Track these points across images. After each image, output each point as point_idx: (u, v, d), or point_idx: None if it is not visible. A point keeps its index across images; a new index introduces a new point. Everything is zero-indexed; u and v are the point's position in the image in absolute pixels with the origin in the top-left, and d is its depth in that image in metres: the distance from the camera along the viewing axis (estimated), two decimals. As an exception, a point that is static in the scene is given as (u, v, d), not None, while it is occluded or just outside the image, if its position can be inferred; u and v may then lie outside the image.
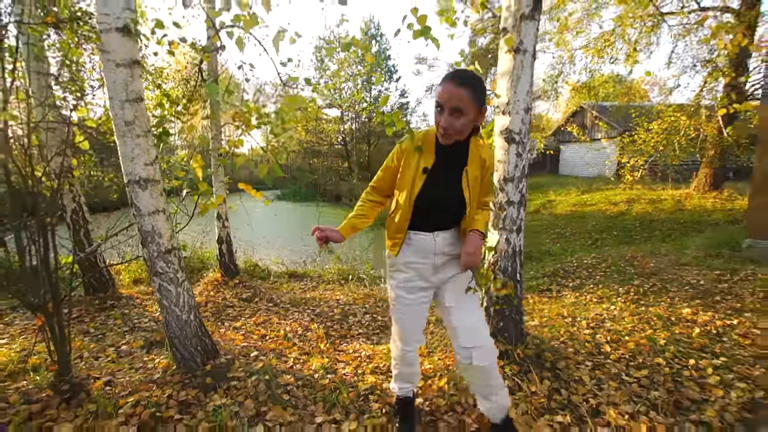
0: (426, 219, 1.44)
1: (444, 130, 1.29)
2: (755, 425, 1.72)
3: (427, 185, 1.39)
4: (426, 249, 1.46)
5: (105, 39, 1.54)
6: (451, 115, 1.25)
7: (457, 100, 1.22)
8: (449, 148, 1.38)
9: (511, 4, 1.81)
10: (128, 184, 1.74)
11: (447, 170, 1.40)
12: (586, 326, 2.91)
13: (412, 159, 1.40)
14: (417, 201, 1.40)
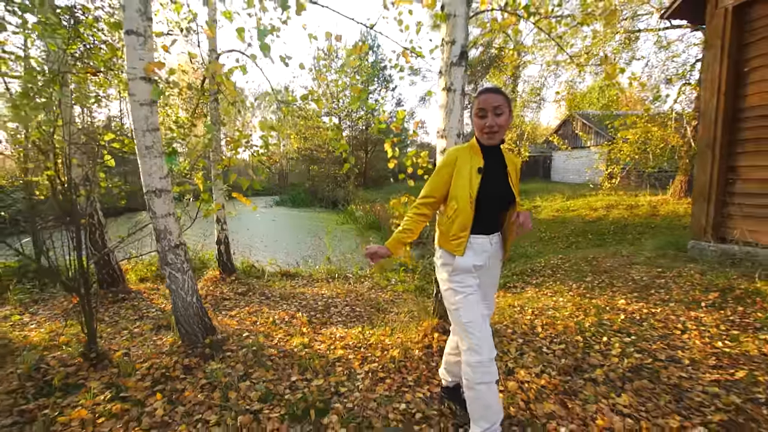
0: (483, 221, 1.57)
1: (490, 128, 1.51)
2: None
3: (484, 182, 1.53)
4: (484, 251, 1.60)
5: (132, 85, 2.06)
6: (496, 115, 1.49)
7: (497, 102, 1.48)
8: (490, 152, 1.58)
9: (444, 55, 2.34)
10: (146, 193, 2.25)
11: (497, 170, 1.58)
12: (531, 314, 3.41)
13: (464, 164, 1.55)
14: (478, 197, 1.52)
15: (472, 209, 1.52)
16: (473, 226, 1.55)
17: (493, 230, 1.61)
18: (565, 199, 12.55)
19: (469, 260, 1.58)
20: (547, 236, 8.93)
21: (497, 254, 1.66)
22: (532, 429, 1.81)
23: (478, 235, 1.58)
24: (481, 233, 1.58)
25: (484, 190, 1.52)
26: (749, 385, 2.14)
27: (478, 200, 1.52)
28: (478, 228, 1.57)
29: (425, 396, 2.10)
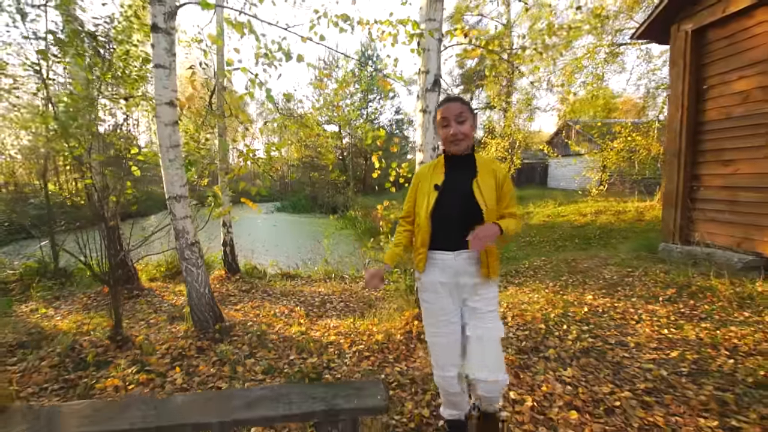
0: (446, 236, 1.51)
1: (454, 136, 1.50)
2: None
3: (439, 200, 1.51)
4: (449, 268, 1.52)
5: (159, 109, 2.48)
6: (458, 123, 1.49)
7: (458, 110, 1.49)
8: (458, 163, 1.55)
9: (420, 82, 2.76)
10: (168, 198, 2.67)
11: (458, 183, 1.52)
12: (505, 307, 3.79)
13: (425, 182, 1.57)
14: (432, 215, 1.50)
15: (429, 225, 1.52)
16: (433, 242, 1.53)
17: (461, 247, 1.50)
18: (557, 205, 12.94)
19: (433, 277, 1.55)
20: (536, 240, 9.31)
21: (470, 271, 1.51)
22: (487, 392, 2.20)
23: (441, 251, 1.53)
24: (444, 249, 1.52)
25: (439, 206, 1.50)
26: (678, 362, 2.52)
27: (434, 216, 1.51)
28: (440, 244, 1.53)
29: (402, 369, 2.49)
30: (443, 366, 1.56)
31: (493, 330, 1.51)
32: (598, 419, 1.97)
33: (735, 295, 3.56)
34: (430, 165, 1.63)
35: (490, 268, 1.50)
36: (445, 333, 1.55)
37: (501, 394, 1.61)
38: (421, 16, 2.73)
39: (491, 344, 1.50)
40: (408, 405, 2.11)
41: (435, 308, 1.57)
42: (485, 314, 1.52)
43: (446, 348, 1.55)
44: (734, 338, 2.81)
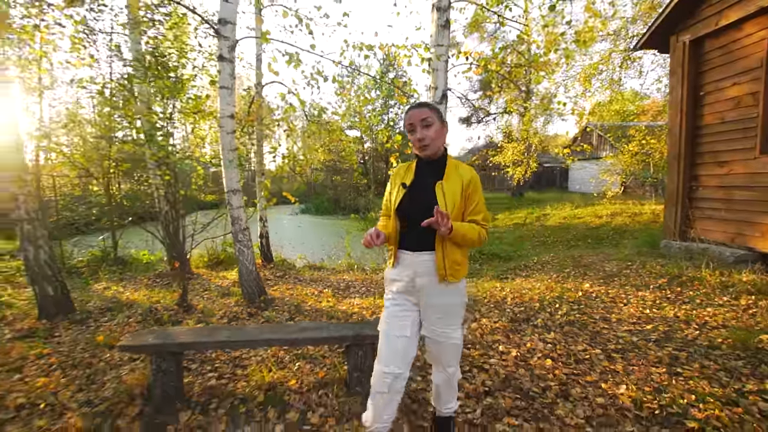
0: (409, 236, 1.54)
1: (420, 142, 1.49)
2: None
3: (405, 198, 1.53)
4: (409, 267, 1.54)
5: (222, 121, 3.15)
6: (423, 128, 1.48)
7: (423, 115, 1.48)
8: (428, 165, 1.57)
9: (431, 96, 3.33)
10: (227, 192, 3.33)
11: (425, 184, 1.53)
12: (508, 291, 4.28)
13: (397, 181, 1.60)
14: (398, 212, 1.54)
15: (396, 223, 1.56)
16: (400, 240, 1.56)
17: (422, 248, 1.51)
18: (574, 207, 13.15)
19: (395, 274, 1.58)
20: (550, 241, 9.63)
21: (428, 273, 1.51)
22: (481, 346, 2.72)
23: (405, 251, 1.55)
24: (407, 249, 1.55)
25: (405, 205, 1.53)
26: (650, 332, 2.96)
27: (398, 214, 1.55)
28: (404, 243, 1.56)
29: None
30: (384, 360, 1.52)
31: (446, 336, 1.54)
32: (568, 366, 2.46)
33: (720, 283, 3.92)
34: (406, 165, 1.66)
35: (447, 270, 1.48)
36: (392, 325, 1.56)
37: (452, 385, 1.68)
38: (431, 41, 3.29)
39: (444, 348, 1.56)
40: (417, 354, 2.67)
41: (392, 304, 1.59)
42: (442, 320, 1.54)
43: (390, 340, 1.54)
44: (707, 317, 3.21)
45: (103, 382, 2.36)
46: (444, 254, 1.48)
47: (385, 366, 1.50)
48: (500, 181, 22.01)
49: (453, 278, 1.49)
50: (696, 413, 1.92)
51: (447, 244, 1.47)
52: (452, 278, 1.49)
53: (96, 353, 2.77)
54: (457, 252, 1.50)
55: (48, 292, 3.38)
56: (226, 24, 3.04)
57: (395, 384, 1.49)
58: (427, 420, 1.96)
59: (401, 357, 1.51)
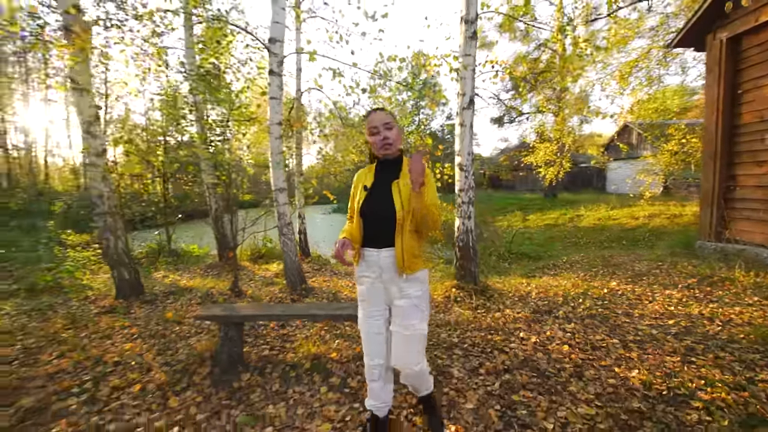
0: (372, 234, 1.62)
1: (384, 140, 1.62)
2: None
3: (366, 199, 1.64)
4: (374, 264, 1.62)
5: (271, 127, 3.57)
6: (386, 129, 1.62)
7: (385, 119, 1.62)
8: (386, 166, 1.69)
9: (458, 102, 3.58)
10: (274, 190, 3.75)
11: (384, 185, 1.64)
12: (534, 287, 4.44)
13: (359, 184, 1.72)
14: (361, 212, 1.63)
15: (360, 223, 1.64)
16: (364, 239, 1.64)
17: (384, 244, 1.60)
18: (610, 208, 12.82)
19: (363, 272, 1.67)
20: (582, 242, 9.53)
21: (392, 268, 1.60)
22: (502, 333, 2.96)
23: (369, 248, 1.63)
24: (371, 246, 1.63)
25: (366, 206, 1.63)
26: (671, 326, 3.07)
27: (363, 215, 1.63)
28: (368, 241, 1.63)
29: (440, 318, 3.32)
30: (368, 354, 1.68)
31: (412, 325, 1.59)
32: (584, 352, 2.65)
33: (753, 284, 3.90)
34: (367, 168, 1.77)
35: (405, 263, 1.56)
36: (370, 325, 1.67)
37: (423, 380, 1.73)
38: (459, 51, 3.55)
39: (411, 338, 1.59)
40: (441, 334, 2.94)
41: (364, 301, 1.70)
42: (407, 310, 1.59)
43: (370, 338, 1.67)
44: (733, 314, 3.26)
45: (176, 349, 2.82)
46: (402, 248, 1.57)
47: (371, 359, 1.68)
48: (533, 181, 21.65)
49: (410, 270, 1.58)
50: (702, 395, 2.08)
51: (405, 238, 1.57)
52: (409, 270, 1.58)
53: (167, 327, 3.26)
54: (415, 245, 1.60)
55: (124, 276, 3.94)
56: (275, 42, 3.45)
57: (384, 372, 1.68)
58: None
59: (384, 350, 1.67)
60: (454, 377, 2.36)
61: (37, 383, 2.38)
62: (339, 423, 1.97)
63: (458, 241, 3.88)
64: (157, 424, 1.97)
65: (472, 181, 3.75)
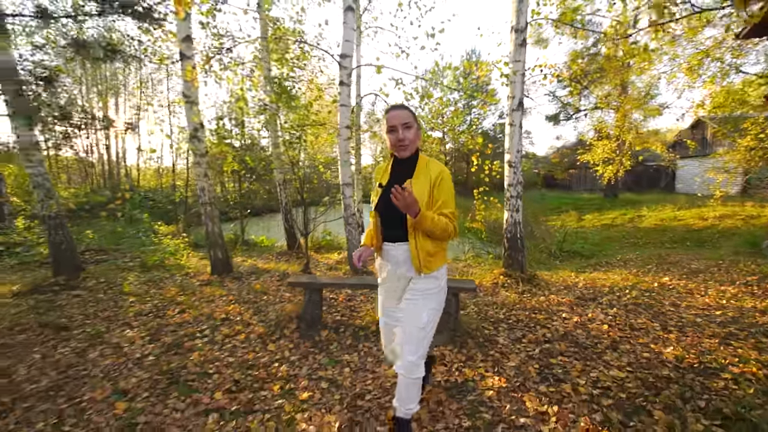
0: (389, 230, 1.66)
1: (401, 142, 1.59)
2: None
3: (382, 197, 1.65)
4: (392, 258, 1.68)
5: (341, 131, 4.15)
6: (404, 129, 1.59)
7: (405, 118, 1.59)
8: (402, 164, 1.67)
9: (508, 103, 3.90)
10: (342, 185, 4.32)
11: (397, 183, 1.58)
12: (582, 279, 4.61)
13: (377, 180, 1.73)
14: (377, 210, 1.67)
15: (378, 219, 1.68)
16: (382, 234, 1.69)
17: (399, 239, 1.63)
18: (676, 209, 12.09)
19: (382, 264, 1.76)
20: (641, 242, 9.19)
21: (407, 263, 1.64)
22: (546, 312, 3.26)
23: (387, 243, 1.69)
24: (389, 241, 1.68)
25: (381, 203, 1.66)
26: (717, 316, 3.18)
27: (378, 211, 1.68)
28: (386, 236, 1.69)
29: (487, 299, 3.68)
30: (386, 345, 1.81)
31: (415, 315, 1.60)
32: (623, 331, 2.89)
33: (821, 284, 3.79)
34: (383, 165, 1.79)
35: (421, 262, 1.58)
36: (386, 317, 1.78)
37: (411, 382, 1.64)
38: (509, 57, 3.88)
39: (411, 327, 1.59)
40: (489, 312, 3.31)
41: (382, 295, 1.79)
42: (414, 301, 1.62)
43: (386, 331, 1.78)
44: (789, 309, 3.27)
45: (267, 312, 3.47)
46: (417, 245, 1.58)
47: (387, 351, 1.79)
48: (591, 181, 20.71)
49: (427, 270, 1.60)
50: (733, 369, 2.27)
51: (419, 236, 1.57)
52: (426, 270, 1.60)
53: (256, 296, 3.96)
54: (429, 243, 1.59)
55: (218, 255, 4.75)
56: (346, 57, 4.02)
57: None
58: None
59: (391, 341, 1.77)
60: (499, 344, 2.73)
61: (170, 329, 3.13)
62: (402, 368, 2.45)
63: (506, 233, 4.20)
64: (263, 360, 2.59)
65: (520, 176, 4.05)
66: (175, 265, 5.59)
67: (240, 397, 2.16)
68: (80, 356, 2.66)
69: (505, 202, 4.19)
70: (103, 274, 4.71)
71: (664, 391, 2.08)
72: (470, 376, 2.31)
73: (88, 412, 2.01)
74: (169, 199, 13.59)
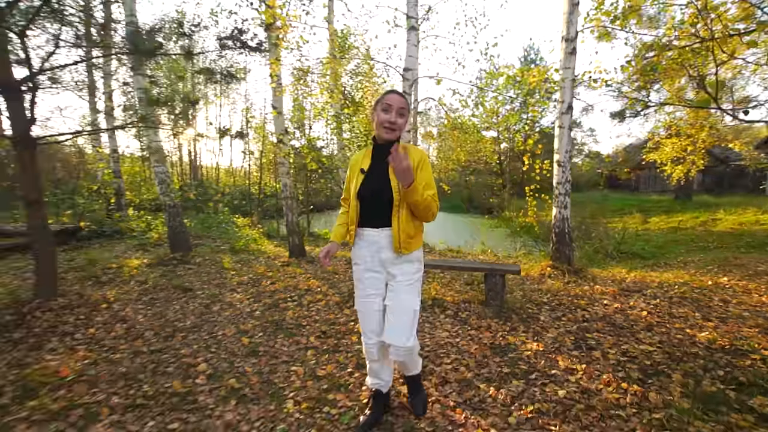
0: (371, 214, 1.67)
1: (391, 124, 1.63)
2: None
3: (364, 181, 1.69)
4: (374, 243, 1.68)
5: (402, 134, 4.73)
6: (399, 116, 1.64)
7: (402, 104, 1.63)
8: (383, 151, 1.67)
9: (558, 107, 4.21)
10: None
11: (380, 168, 1.66)
12: (632, 275, 4.75)
13: (356, 167, 1.75)
14: (359, 195, 1.68)
15: (357, 204, 1.70)
16: (362, 220, 1.70)
17: (383, 225, 1.65)
18: (761, 212, 11.11)
19: (360, 251, 1.74)
20: (712, 246, 8.70)
21: (389, 246, 1.66)
22: (588, 299, 3.57)
23: (368, 228, 1.69)
24: (369, 226, 1.69)
25: (364, 188, 1.68)
26: (766, 312, 3.26)
27: (361, 196, 1.68)
28: (366, 221, 1.70)
29: (533, 285, 4.04)
30: (365, 333, 1.76)
31: (406, 302, 1.65)
32: (661, 319, 3.13)
33: None
34: (362, 152, 1.81)
35: (401, 243, 1.62)
36: (367, 303, 1.73)
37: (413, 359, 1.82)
38: (559, 64, 4.18)
39: (403, 314, 1.64)
40: (534, 296, 3.69)
41: (361, 279, 1.75)
42: (402, 287, 1.66)
43: (367, 317, 1.74)
44: None
45: (340, 286, 4.16)
46: (399, 228, 1.62)
47: (368, 339, 1.75)
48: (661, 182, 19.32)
49: (406, 250, 1.65)
50: (764, 352, 2.48)
51: (402, 219, 1.61)
52: (405, 250, 1.65)
53: (329, 275, 4.68)
54: (411, 226, 1.64)
55: (295, 241, 5.57)
56: (408, 71, 4.59)
57: (382, 350, 1.75)
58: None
59: (380, 328, 1.72)
60: (540, 320, 3.14)
61: (266, 294, 3.92)
62: (452, 333, 2.96)
63: (554, 228, 4.50)
64: (342, 320, 3.24)
65: (569, 175, 4.34)
66: (256, 250, 6.56)
67: (328, 341, 2.82)
68: (207, 309, 3.52)
69: (554, 199, 4.49)
70: (204, 254, 5.75)
71: (688, 363, 2.38)
72: (512, 342, 2.76)
73: (224, 342, 2.80)
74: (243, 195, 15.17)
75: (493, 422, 1.85)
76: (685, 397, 1.98)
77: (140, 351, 2.66)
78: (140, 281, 4.30)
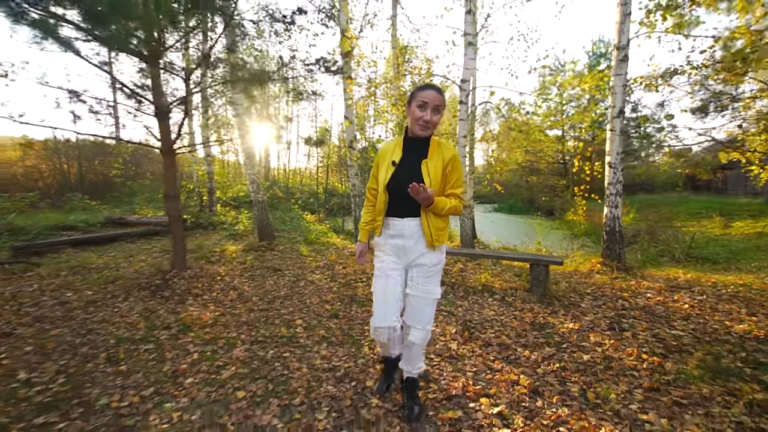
0: (398, 206, 1.73)
1: (425, 123, 1.65)
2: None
3: (395, 174, 1.72)
4: (400, 232, 1.75)
5: (459, 139, 5.23)
6: (434, 113, 1.65)
7: (438, 101, 1.65)
8: (414, 144, 1.74)
9: (609, 111, 4.43)
10: (458, 182, 5.42)
11: (411, 162, 1.71)
12: (687, 275, 4.79)
13: (386, 159, 1.78)
14: (389, 187, 1.72)
15: (386, 196, 1.74)
16: (389, 210, 1.76)
17: (410, 215, 1.72)
18: None
19: (386, 239, 1.80)
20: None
21: (415, 237, 1.72)
22: (631, 292, 3.82)
23: (394, 218, 1.75)
24: (396, 216, 1.75)
25: (394, 179, 1.71)
26: (821, 311, 3.29)
27: (389, 188, 1.72)
28: (394, 212, 1.75)
29: (580, 278, 4.34)
30: (378, 317, 1.76)
31: (429, 290, 1.75)
32: (702, 311, 3.32)
33: None
34: (392, 144, 1.83)
35: (433, 236, 1.70)
36: (385, 288, 1.77)
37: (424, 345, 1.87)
38: (611, 71, 4.40)
39: (426, 302, 1.75)
40: (578, 288, 4.01)
41: (383, 265, 1.81)
42: (425, 276, 1.74)
43: (384, 301, 1.76)
44: None
45: (400, 273, 4.79)
46: (428, 221, 1.70)
47: (380, 323, 1.76)
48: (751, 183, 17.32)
49: (438, 242, 1.73)
50: (799, 343, 2.64)
51: (431, 213, 1.70)
52: (438, 242, 1.73)
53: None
54: (440, 219, 1.73)
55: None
56: (465, 82, 5.09)
57: (393, 333, 1.78)
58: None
59: (394, 312, 1.76)
60: (581, 306, 3.50)
61: (340, 276, 4.68)
62: (498, 312, 3.44)
63: (605, 226, 4.72)
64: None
65: (620, 176, 4.54)
66: (327, 242, 7.45)
67: (392, 312, 3.47)
68: (294, 284, 4.37)
69: (605, 199, 4.71)
70: (284, 244, 6.74)
71: (716, 347, 2.64)
72: (551, 321, 3.19)
73: (312, 307, 3.58)
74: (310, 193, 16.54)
75: (523, 371, 2.36)
76: (699, 369, 2.31)
77: (252, 309, 3.54)
78: (240, 262, 5.33)
